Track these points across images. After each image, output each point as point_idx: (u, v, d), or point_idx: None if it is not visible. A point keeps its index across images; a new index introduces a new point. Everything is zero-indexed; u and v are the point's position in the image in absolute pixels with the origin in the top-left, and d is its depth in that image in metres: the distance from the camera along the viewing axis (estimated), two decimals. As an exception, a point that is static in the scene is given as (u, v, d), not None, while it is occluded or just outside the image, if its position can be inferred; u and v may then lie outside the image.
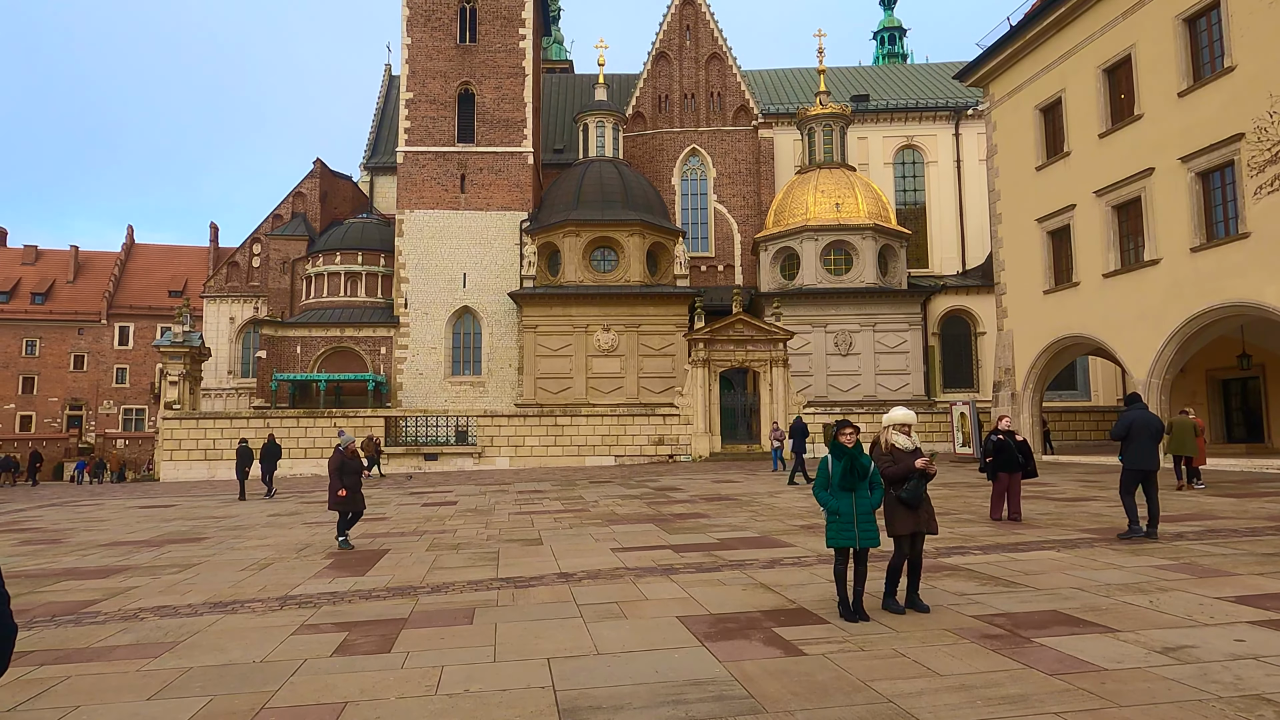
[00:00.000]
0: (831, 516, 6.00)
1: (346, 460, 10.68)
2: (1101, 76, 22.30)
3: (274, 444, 22.65)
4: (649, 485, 19.81)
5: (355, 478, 10.67)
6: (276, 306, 41.75)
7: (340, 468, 10.56)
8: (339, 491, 10.43)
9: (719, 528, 11.27)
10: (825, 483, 6.07)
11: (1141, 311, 20.78)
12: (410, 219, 39.66)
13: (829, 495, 6.00)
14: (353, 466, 10.72)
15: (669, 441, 32.17)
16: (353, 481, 10.58)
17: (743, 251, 43.95)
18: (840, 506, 5.93)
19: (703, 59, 45.54)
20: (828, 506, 6.02)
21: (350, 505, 10.55)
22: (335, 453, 10.78)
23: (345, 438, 11.05)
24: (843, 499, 5.92)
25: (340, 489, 10.43)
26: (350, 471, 10.62)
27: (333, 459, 10.73)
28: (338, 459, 10.65)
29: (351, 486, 10.52)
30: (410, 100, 40.41)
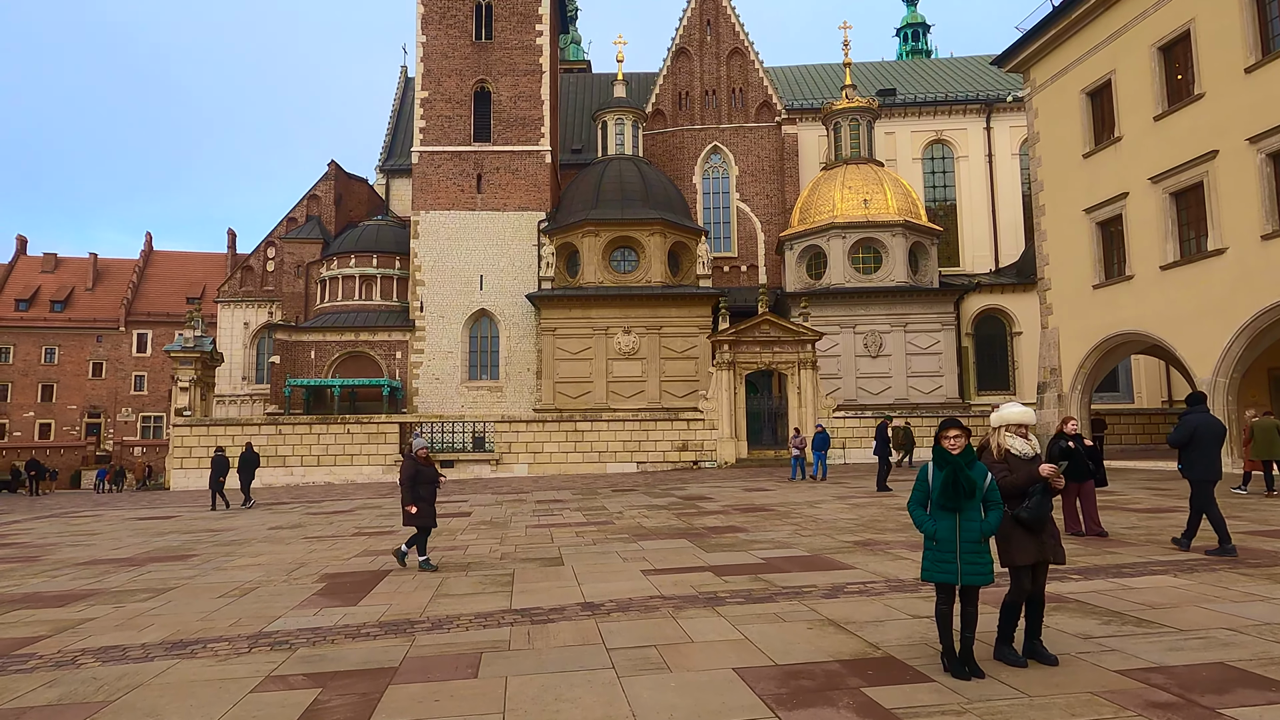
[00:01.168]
0: (929, 543, 4.76)
1: (421, 468, 9.32)
2: (1156, 55, 20.85)
3: (252, 453, 21.83)
4: (675, 494, 18.57)
5: (431, 488, 9.37)
6: (291, 311, 40.96)
7: (414, 477, 9.22)
8: (409, 507, 9.12)
9: (760, 544, 10.02)
10: (923, 499, 4.82)
11: (1205, 305, 19.29)
12: (426, 220, 38.74)
13: (926, 515, 4.76)
14: (428, 475, 9.38)
15: (693, 447, 30.89)
16: (428, 492, 9.28)
17: (766, 251, 42.67)
18: (940, 531, 4.68)
19: (724, 54, 44.37)
20: (924, 529, 4.78)
21: (421, 520, 9.20)
22: (406, 460, 9.49)
23: (419, 441, 9.79)
24: (944, 521, 4.68)
25: (410, 503, 9.11)
26: (425, 481, 9.31)
27: (405, 467, 9.40)
28: (410, 467, 9.31)
29: (425, 499, 9.21)
30: (425, 99, 39.54)
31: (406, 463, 9.40)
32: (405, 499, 9.20)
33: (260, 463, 23.36)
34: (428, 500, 9.22)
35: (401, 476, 9.38)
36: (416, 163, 39.18)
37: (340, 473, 30.19)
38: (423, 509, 9.14)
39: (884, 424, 22.17)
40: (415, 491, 9.14)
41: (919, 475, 4.88)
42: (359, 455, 30.48)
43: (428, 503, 9.22)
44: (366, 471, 30.28)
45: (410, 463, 9.38)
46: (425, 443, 9.82)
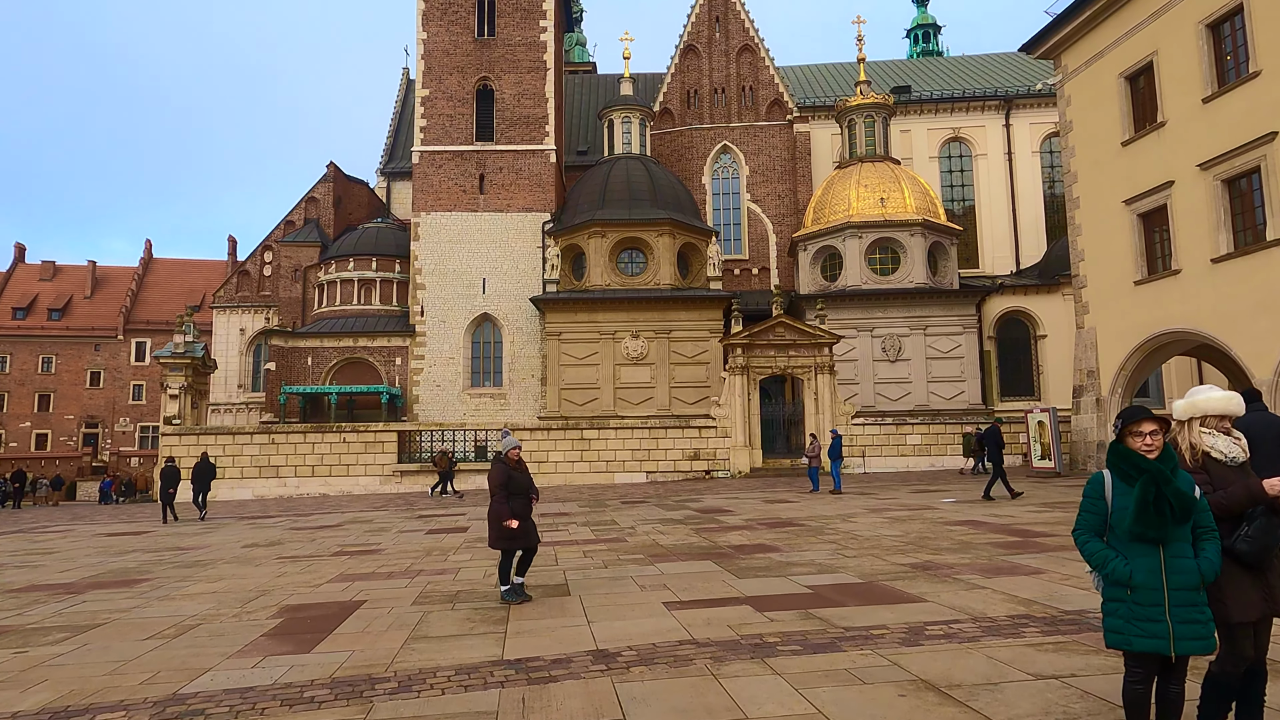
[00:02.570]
0: (1115, 590, 3.28)
1: (514, 474, 7.45)
2: (1204, 33, 19.42)
3: (207, 463, 20.63)
4: (690, 506, 17.11)
5: (525, 501, 7.50)
6: (288, 316, 39.68)
7: (506, 484, 7.34)
8: (507, 521, 7.19)
9: (800, 567, 8.57)
10: (1098, 525, 3.36)
11: (1264, 300, 17.78)
12: (427, 222, 37.45)
13: (1110, 551, 3.31)
14: (521, 483, 7.50)
15: (705, 456, 29.44)
16: (522, 507, 7.41)
17: (779, 253, 41.26)
18: (1139, 574, 3.21)
19: (733, 51, 43.09)
20: (1110, 572, 3.29)
21: (521, 540, 7.38)
22: (496, 463, 7.52)
23: (509, 440, 7.79)
24: (1142, 560, 3.21)
25: (508, 517, 7.22)
26: (518, 491, 7.44)
27: (494, 472, 7.43)
28: (502, 472, 7.39)
29: (522, 513, 7.38)
30: (426, 97, 38.32)
31: (497, 467, 7.46)
32: (498, 511, 7.27)
33: (216, 473, 22.08)
34: (523, 515, 7.37)
35: (493, 483, 7.42)
36: (417, 163, 37.93)
37: (336, 484, 28.83)
38: (524, 524, 7.31)
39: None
40: (509, 503, 7.30)
41: (1088, 492, 3.41)
42: (355, 465, 29.12)
43: (523, 518, 7.36)
44: (363, 483, 28.91)
45: (501, 467, 7.43)
46: (516, 441, 7.74)
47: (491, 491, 7.43)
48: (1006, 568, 7.98)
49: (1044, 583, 7.14)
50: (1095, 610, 5.89)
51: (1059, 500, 15.10)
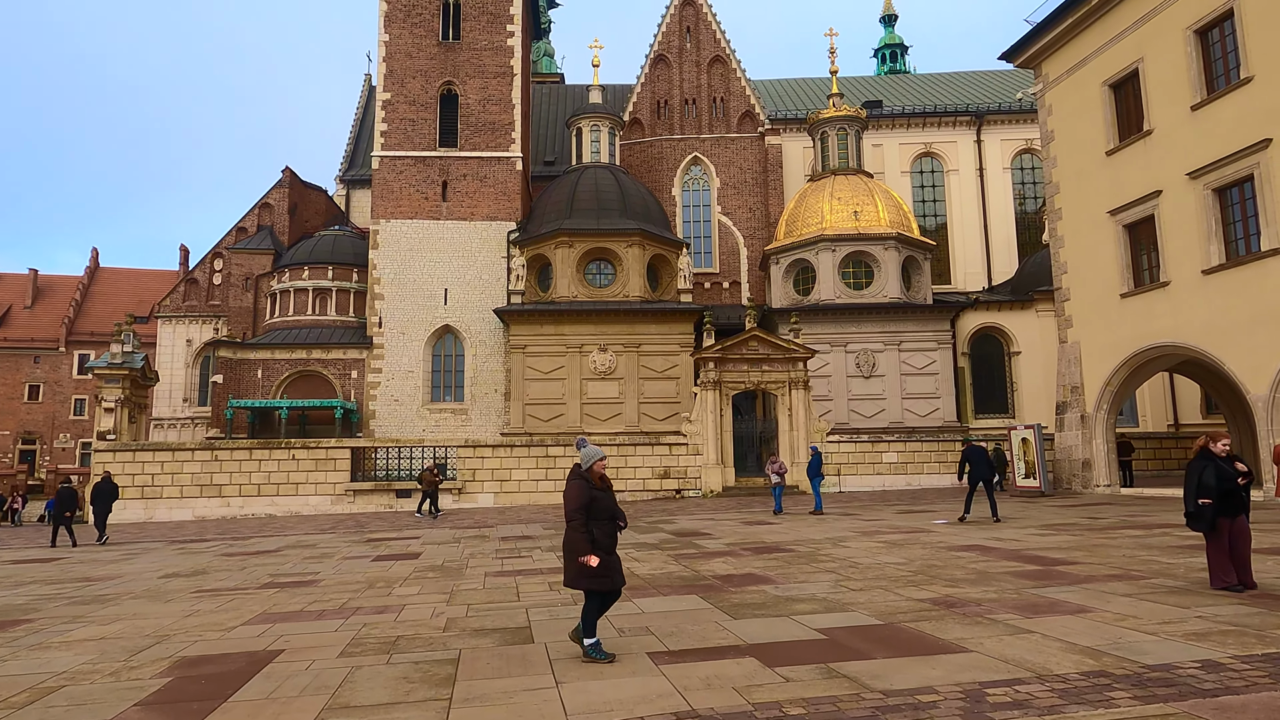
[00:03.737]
0: None
1: (598, 494, 5.89)
2: (1193, 39, 18.93)
3: (109, 483, 19.10)
4: (664, 529, 15.87)
5: (611, 527, 5.90)
6: (238, 327, 37.78)
7: (589, 506, 5.77)
8: (586, 559, 5.62)
9: (802, 604, 7.38)
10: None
11: (1259, 313, 17.16)
12: (386, 230, 35.93)
13: None
14: (605, 506, 5.89)
15: (676, 474, 28.23)
16: (608, 536, 5.81)
17: (750, 267, 40.41)
18: None
19: (704, 62, 42.38)
20: None
21: (604, 580, 5.73)
22: (575, 481, 5.93)
23: (591, 450, 6.12)
24: None
25: (587, 552, 5.64)
26: (602, 514, 5.85)
27: (573, 491, 5.85)
28: (583, 491, 5.81)
29: (607, 544, 5.78)
30: (388, 101, 36.93)
31: (576, 485, 5.87)
32: (577, 542, 5.67)
33: (118, 494, 20.38)
34: (607, 547, 5.81)
35: (570, 504, 5.80)
36: (377, 168, 36.44)
37: (283, 503, 27.06)
38: (606, 561, 5.73)
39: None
40: (590, 529, 5.74)
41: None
42: (305, 484, 27.38)
43: (609, 551, 5.81)
44: (314, 502, 27.18)
45: (581, 485, 5.85)
46: (600, 451, 6.12)
47: (568, 516, 5.82)
48: (1044, 605, 6.86)
49: (1097, 625, 6.03)
50: (1184, 664, 4.79)
51: (1059, 522, 14.13)
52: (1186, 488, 7.28)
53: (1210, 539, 7.36)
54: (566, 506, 5.87)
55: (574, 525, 5.78)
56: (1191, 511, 7.33)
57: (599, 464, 6.03)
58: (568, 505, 5.86)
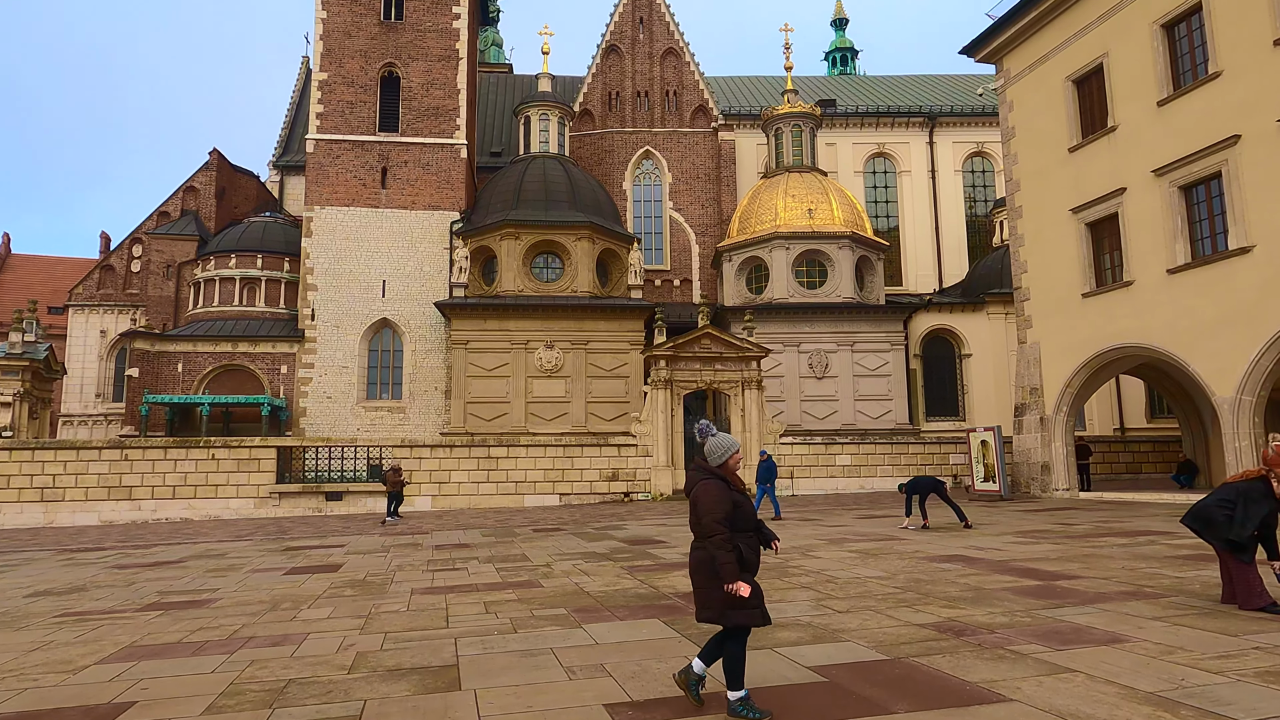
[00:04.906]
0: None
1: (738, 497, 4.49)
2: (1159, 33, 18.52)
3: None
4: (615, 536, 14.67)
5: (752, 540, 4.52)
6: (157, 317, 35.32)
7: (731, 514, 4.40)
8: (733, 585, 4.29)
9: (785, 630, 6.27)
10: None
11: (1226, 313, 16.76)
12: (321, 217, 33.98)
13: None
14: (747, 513, 4.50)
15: (624, 477, 27.04)
16: (755, 555, 4.51)
17: (702, 264, 39.51)
18: None
19: (657, 54, 41.37)
20: None
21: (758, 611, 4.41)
22: (704, 478, 4.52)
23: (721, 439, 4.58)
24: None
25: (735, 575, 4.30)
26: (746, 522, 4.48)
27: (708, 494, 4.43)
28: (722, 494, 4.42)
29: (754, 562, 4.48)
30: (324, 82, 34.97)
31: (715, 488, 4.44)
32: (720, 564, 4.29)
33: None
34: (754, 567, 4.48)
35: (706, 510, 4.38)
36: (312, 152, 34.45)
37: (202, 506, 25.05)
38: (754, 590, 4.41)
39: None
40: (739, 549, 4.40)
41: None
42: (225, 486, 25.38)
43: (754, 571, 4.49)
44: (235, 505, 25.21)
45: (717, 486, 4.46)
46: (735, 441, 4.62)
47: (706, 529, 4.35)
48: (1067, 631, 5.87)
49: (1145, 660, 5.04)
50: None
51: (1032, 529, 13.36)
52: (1245, 516, 6.36)
53: (1242, 559, 6.48)
54: (702, 515, 4.39)
55: (715, 541, 4.31)
56: (1243, 543, 6.43)
57: (734, 456, 4.56)
58: (704, 514, 4.37)
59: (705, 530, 4.38)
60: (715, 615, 4.39)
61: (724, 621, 4.38)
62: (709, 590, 4.41)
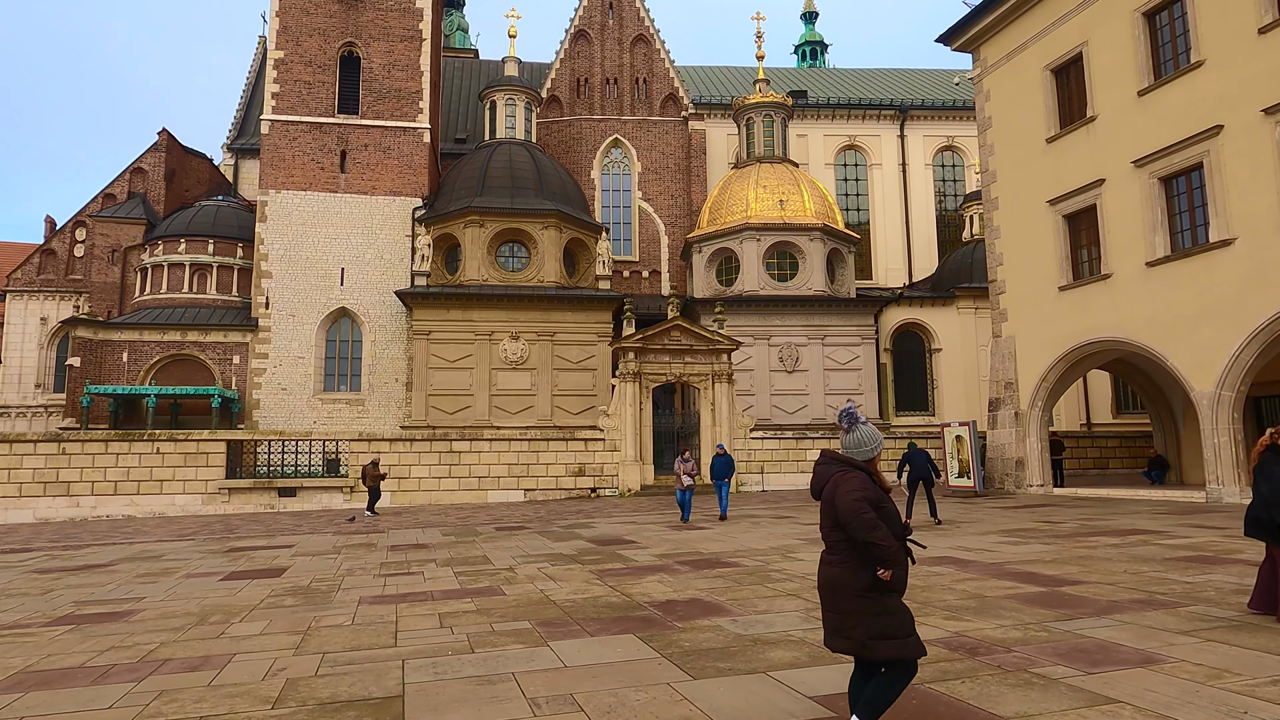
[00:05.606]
0: None
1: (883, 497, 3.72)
2: (1140, 21, 18.18)
3: None
4: (582, 535, 13.93)
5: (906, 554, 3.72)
6: (102, 304, 33.70)
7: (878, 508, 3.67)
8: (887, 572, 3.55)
9: (775, 648, 5.58)
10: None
11: (1206, 306, 16.47)
12: (276, 201, 32.64)
13: None
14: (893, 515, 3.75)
15: (591, 472, 26.30)
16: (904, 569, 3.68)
17: (671, 256, 38.81)
18: None
19: (627, 41, 40.52)
20: None
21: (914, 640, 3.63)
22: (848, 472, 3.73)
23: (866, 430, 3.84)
24: None
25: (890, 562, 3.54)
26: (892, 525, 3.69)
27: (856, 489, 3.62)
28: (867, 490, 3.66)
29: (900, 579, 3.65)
30: (280, 60, 33.58)
31: (858, 482, 3.67)
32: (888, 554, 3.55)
33: None
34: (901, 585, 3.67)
35: (852, 509, 3.59)
36: (267, 133, 33.06)
37: (145, 503, 23.81)
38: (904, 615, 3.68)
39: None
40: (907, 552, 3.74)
41: None
42: (171, 481, 24.16)
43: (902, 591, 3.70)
44: (181, 502, 24.01)
45: (866, 481, 3.69)
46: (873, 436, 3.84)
47: (859, 524, 3.52)
48: (1092, 649, 5.26)
49: (1194, 686, 4.44)
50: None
51: (1016, 527, 12.88)
52: (1273, 490, 5.81)
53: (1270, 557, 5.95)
54: (847, 513, 3.53)
55: (879, 535, 3.42)
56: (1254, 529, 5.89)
57: (878, 456, 3.81)
58: (850, 510, 3.52)
59: (858, 527, 3.47)
60: (857, 645, 3.52)
61: (868, 654, 3.54)
62: (850, 614, 3.55)
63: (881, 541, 3.45)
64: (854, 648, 3.55)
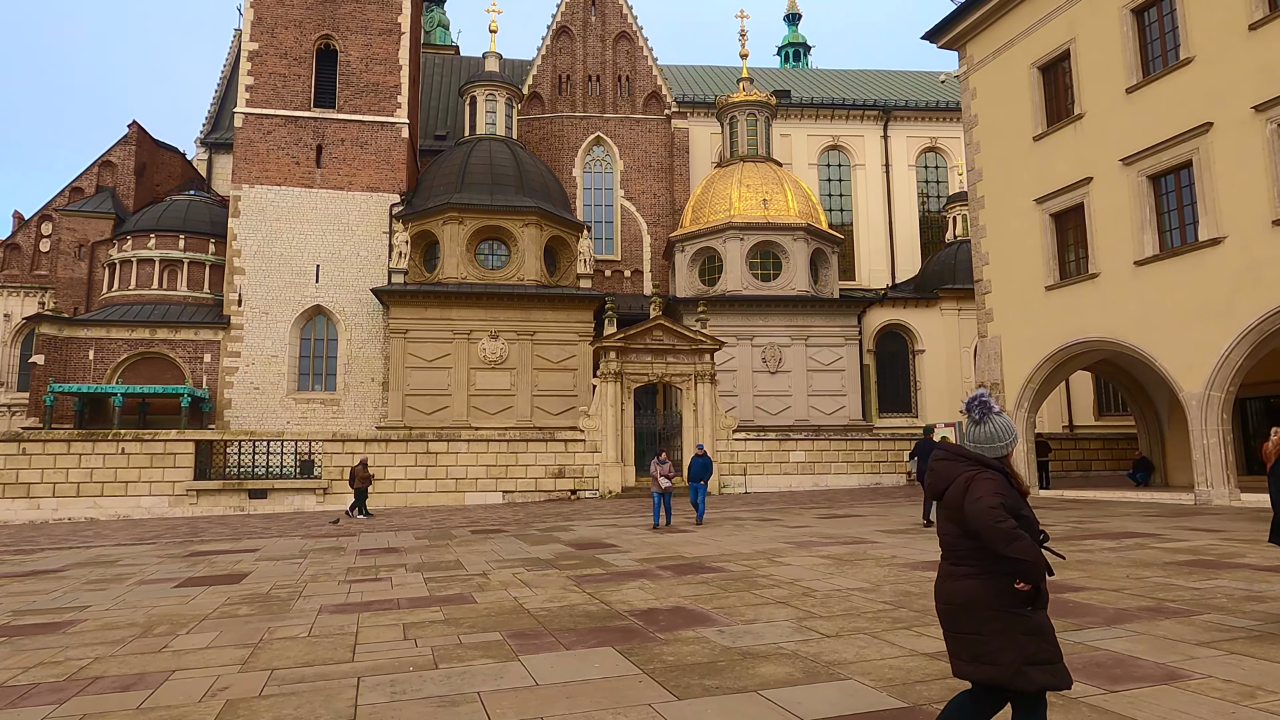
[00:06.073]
0: None
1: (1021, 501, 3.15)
2: (1129, 18, 17.98)
3: None
4: (561, 539, 13.44)
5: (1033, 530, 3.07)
6: (68, 300, 32.76)
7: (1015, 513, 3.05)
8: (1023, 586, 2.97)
9: (767, 662, 5.13)
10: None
11: (1196, 306, 16.26)
12: (250, 196, 31.87)
13: None
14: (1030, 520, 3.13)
15: (571, 474, 25.80)
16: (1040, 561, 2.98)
17: (653, 255, 38.37)
18: None
19: (609, 38, 40.06)
20: None
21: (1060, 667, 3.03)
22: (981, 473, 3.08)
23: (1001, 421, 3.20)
24: None
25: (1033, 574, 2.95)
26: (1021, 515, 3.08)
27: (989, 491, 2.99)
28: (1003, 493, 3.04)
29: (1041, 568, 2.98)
30: (255, 52, 32.82)
31: (992, 483, 3.03)
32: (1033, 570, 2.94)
33: None
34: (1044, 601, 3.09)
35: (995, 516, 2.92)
36: (240, 126, 32.29)
37: (110, 505, 23.05)
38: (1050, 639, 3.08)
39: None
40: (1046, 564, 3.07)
41: None
42: (137, 483, 23.41)
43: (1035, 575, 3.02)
44: (147, 504, 23.26)
45: (1001, 482, 3.07)
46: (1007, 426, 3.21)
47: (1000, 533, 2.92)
48: (1110, 664, 4.86)
49: (1223, 705, 4.06)
50: None
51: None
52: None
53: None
54: (983, 523, 2.93)
55: (1018, 550, 2.88)
56: None
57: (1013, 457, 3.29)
58: (985, 522, 2.92)
59: (996, 538, 2.90)
60: (1007, 673, 2.92)
61: (1019, 683, 2.92)
62: (996, 635, 2.96)
63: (1025, 555, 2.88)
64: (1003, 676, 2.93)
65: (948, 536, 3.15)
